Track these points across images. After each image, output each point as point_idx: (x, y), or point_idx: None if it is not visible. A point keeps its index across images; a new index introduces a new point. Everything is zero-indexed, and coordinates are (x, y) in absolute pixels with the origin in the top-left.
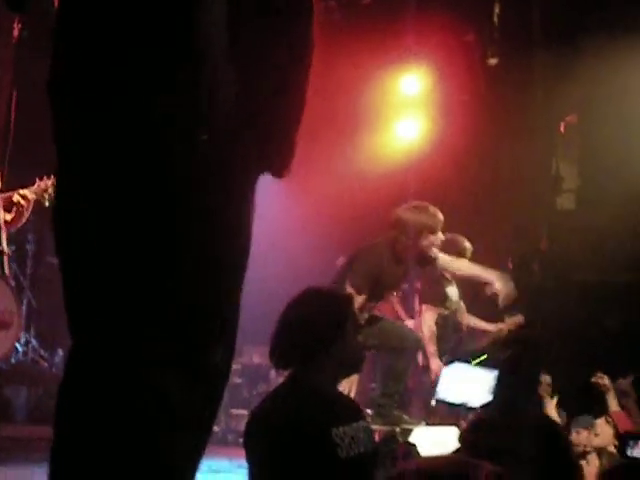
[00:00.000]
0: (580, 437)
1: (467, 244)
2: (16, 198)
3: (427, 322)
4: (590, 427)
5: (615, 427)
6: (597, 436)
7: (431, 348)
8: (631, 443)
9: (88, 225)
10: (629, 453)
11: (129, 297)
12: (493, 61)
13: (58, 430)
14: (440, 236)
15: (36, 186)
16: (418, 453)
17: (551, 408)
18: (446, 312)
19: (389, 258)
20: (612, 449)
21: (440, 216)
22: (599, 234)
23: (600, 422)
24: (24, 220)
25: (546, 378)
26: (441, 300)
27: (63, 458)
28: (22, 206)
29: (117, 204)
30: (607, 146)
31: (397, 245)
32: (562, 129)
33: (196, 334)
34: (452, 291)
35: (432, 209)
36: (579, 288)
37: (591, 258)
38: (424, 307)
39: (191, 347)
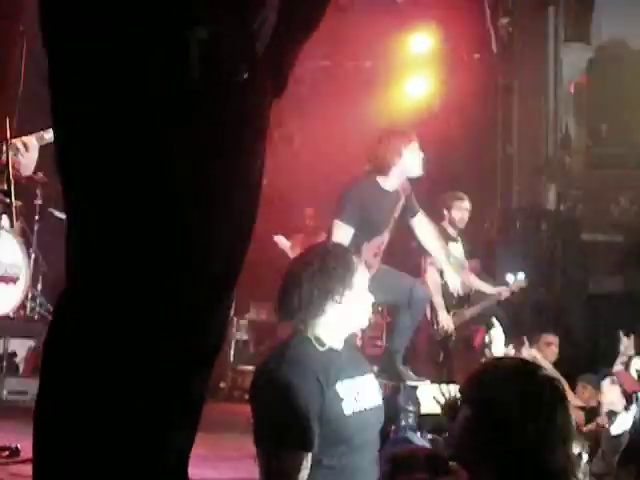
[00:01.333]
0: (585, 392)
1: (467, 203)
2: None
3: (431, 275)
4: (597, 386)
5: (621, 386)
6: (603, 395)
7: (438, 299)
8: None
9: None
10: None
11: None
12: (504, 20)
13: (43, 369)
14: (416, 145)
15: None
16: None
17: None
18: None
19: (371, 190)
20: (617, 408)
21: (409, 132)
22: (608, 194)
23: (606, 383)
24: (31, 167)
25: (554, 339)
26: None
27: (46, 402)
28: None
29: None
30: (616, 106)
31: (380, 174)
32: (572, 89)
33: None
34: (455, 249)
35: (398, 129)
36: (587, 248)
37: (599, 218)
38: (428, 260)
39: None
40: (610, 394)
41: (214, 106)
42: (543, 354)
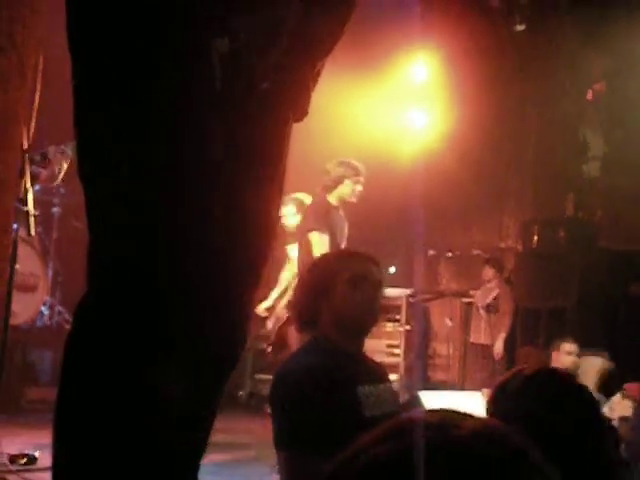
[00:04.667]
0: None
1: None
2: (52, 154)
3: None
4: (606, 404)
5: (633, 397)
6: (614, 411)
7: None
8: None
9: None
10: None
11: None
12: (520, 27)
13: (63, 371)
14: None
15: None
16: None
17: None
18: None
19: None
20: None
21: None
22: (625, 201)
23: (616, 398)
24: (59, 176)
25: (574, 348)
26: None
27: (66, 406)
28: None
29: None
30: (634, 113)
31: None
32: (589, 96)
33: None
34: None
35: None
36: (604, 255)
37: (616, 225)
38: None
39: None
40: (621, 407)
41: (234, 113)
42: (563, 364)
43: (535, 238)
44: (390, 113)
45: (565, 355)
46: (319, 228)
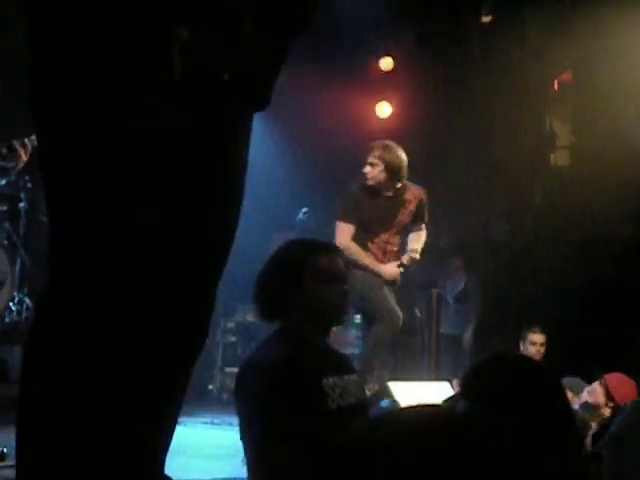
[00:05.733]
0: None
1: None
2: (15, 145)
3: None
4: (577, 389)
5: (606, 389)
6: (588, 395)
7: None
8: None
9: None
10: None
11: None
12: (487, 18)
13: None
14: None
15: None
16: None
17: None
18: None
19: (361, 192)
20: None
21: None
22: (592, 190)
23: (594, 385)
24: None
25: (539, 338)
26: None
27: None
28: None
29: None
30: (601, 103)
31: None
32: (556, 86)
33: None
34: None
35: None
36: (572, 244)
37: (584, 214)
38: None
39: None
40: (594, 395)
41: (194, 104)
42: (528, 353)
43: (503, 227)
44: (355, 104)
45: (529, 345)
46: (343, 218)
